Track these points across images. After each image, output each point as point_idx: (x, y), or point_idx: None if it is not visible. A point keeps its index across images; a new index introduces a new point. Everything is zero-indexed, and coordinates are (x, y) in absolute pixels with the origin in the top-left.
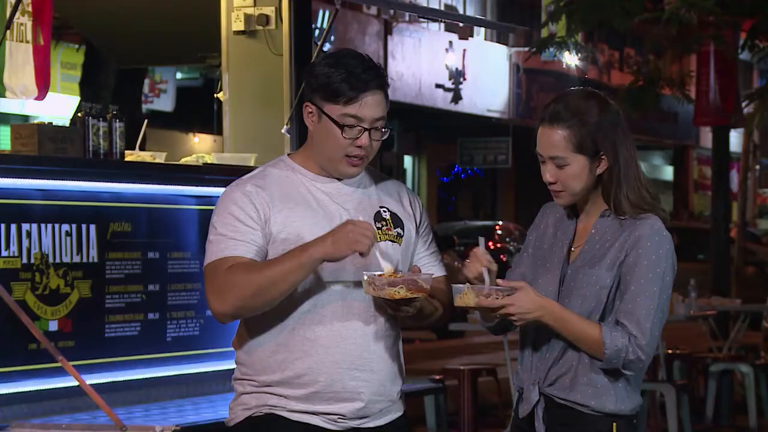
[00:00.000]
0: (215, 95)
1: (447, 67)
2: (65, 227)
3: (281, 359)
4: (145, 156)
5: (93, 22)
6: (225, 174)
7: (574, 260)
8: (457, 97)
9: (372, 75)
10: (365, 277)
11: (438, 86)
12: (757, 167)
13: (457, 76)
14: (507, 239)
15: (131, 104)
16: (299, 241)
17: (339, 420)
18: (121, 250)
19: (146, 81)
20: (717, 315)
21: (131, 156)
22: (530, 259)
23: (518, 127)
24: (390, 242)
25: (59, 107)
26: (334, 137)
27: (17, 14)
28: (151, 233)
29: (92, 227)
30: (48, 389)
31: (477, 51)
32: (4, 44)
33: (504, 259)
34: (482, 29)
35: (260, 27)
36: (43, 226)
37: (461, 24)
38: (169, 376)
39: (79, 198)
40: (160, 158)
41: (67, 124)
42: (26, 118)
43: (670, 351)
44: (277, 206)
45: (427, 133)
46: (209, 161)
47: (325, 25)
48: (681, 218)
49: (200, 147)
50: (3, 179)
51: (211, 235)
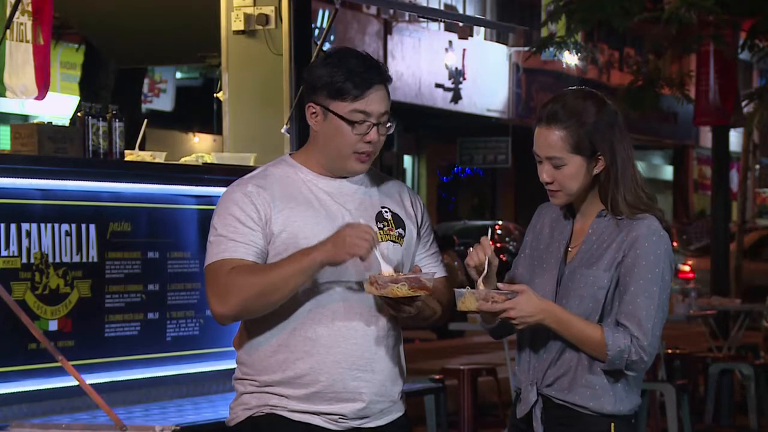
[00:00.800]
0: (215, 95)
1: (447, 67)
2: (65, 227)
3: (282, 359)
4: (145, 156)
5: (93, 22)
6: (225, 174)
7: (571, 260)
8: (457, 97)
9: (374, 71)
10: (366, 276)
11: (438, 86)
12: (757, 167)
13: (457, 76)
14: (507, 239)
15: (131, 104)
16: (300, 241)
17: (340, 420)
18: (121, 250)
19: (146, 81)
20: (717, 315)
21: (131, 156)
22: (527, 260)
23: (518, 127)
24: (391, 243)
25: (59, 107)
26: (343, 134)
27: (17, 14)
28: (151, 233)
29: (92, 227)
30: (48, 389)
31: (477, 51)
32: (4, 44)
33: (504, 259)
34: (482, 29)
35: (260, 27)
36: (43, 226)
37: (461, 24)
38: (169, 376)
39: (79, 198)
40: (160, 158)
41: (67, 124)
42: (26, 118)
43: (670, 351)
44: (279, 206)
45: (427, 133)
46: (209, 161)
47: (325, 25)
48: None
49: (200, 147)
50: (3, 179)
51: (212, 236)
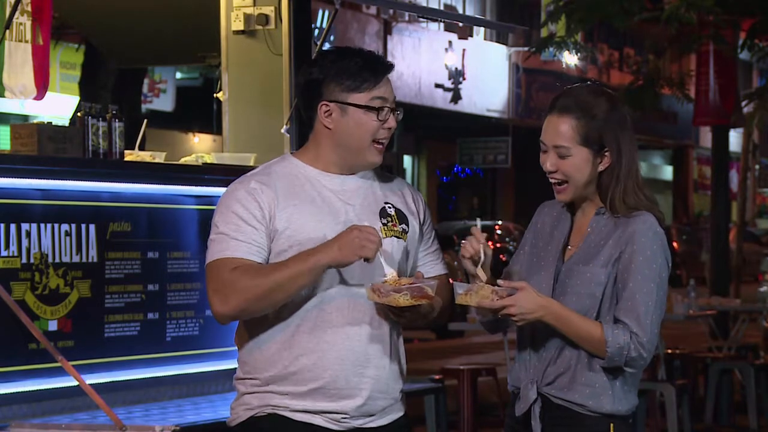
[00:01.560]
0: (215, 95)
1: (446, 67)
2: (65, 227)
3: (285, 356)
4: (145, 156)
5: (92, 22)
6: (224, 174)
7: (569, 258)
8: (457, 97)
9: (380, 60)
10: (368, 284)
11: (437, 86)
12: (757, 167)
13: (457, 76)
14: (506, 239)
15: (131, 104)
16: (303, 238)
17: (342, 420)
18: (121, 250)
19: (146, 81)
20: (716, 315)
21: (131, 156)
22: (526, 257)
23: (518, 127)
24: (395, 238)
25: (59, 107)
26: (366, 124)
27: (16, 14)
28: (151, 233)
29: (92, 227)
30: (48, 389)
31: (476, 51)
32: (4, 44)
33: (503, 259)
34: (482, 29)
35: (260, 27)
36: (43, 226)
37: (461, 24)
38: (169, 376)
39: (79, 198)
40: (160, 158)
41: (67, 124)
42: (26, 118)
43: (670, 351)
44: (282, 203)
45: (427, 133)
46: (209, 161)
47: (325, 25)
48: None
49: (200, 147)
50: (2, 179)
51: (213, 234)
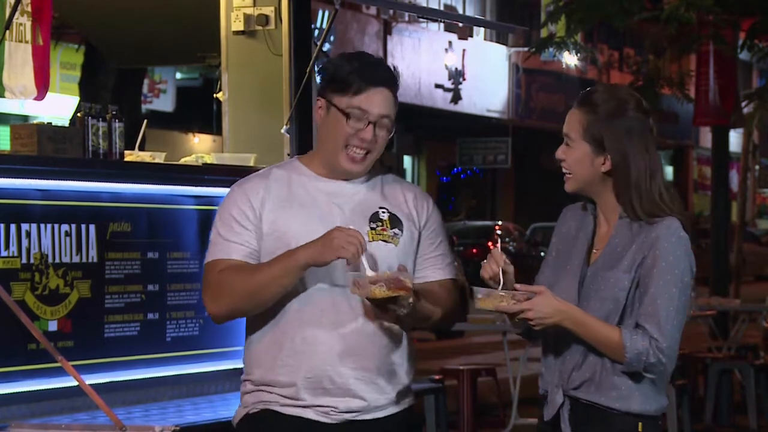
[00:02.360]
0: (215, 95)
1: (446, 67)
2: (65, 227)
3: (273, 356)
4: (145, 156)
5: (92, 22)
6: (224, 174)
7: (594, 262)
8: (457, 97)
9: (381, 71)
10: (350, 278)
11: (437, 86)
12: (757, 167)
13: (457, 76)
14: (506, 239)
15: (131, 104)
16: (289, 240)
17: (332, 412)
18: (121, 250)
19: (146, 81)
20: (716, 315)
21: (131, 156)
22: (554, 263)
23: (518, 127)
24: (383, 242)
25: (59, 107)
26: (339, 127)
27: (16, 14)
28: (151, 233)
29: (92, 227)
30: (47, 389)
31: (476, 51)
32: (4, 44)
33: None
34: (482, 29)
35: (260, 27)
36: (43, 226)
37: (461, 24)
38: (169, 376)
39: (79, 198)
40: (160, 158)
41: (67, 125)
42: (26, 118)
43: None
44: (271, 205)
45: (427, 133)
46: (209, 161)
47: (325, 25)
48: None
49: (200, 147)
50: (2, 179)
51: (212, 235)
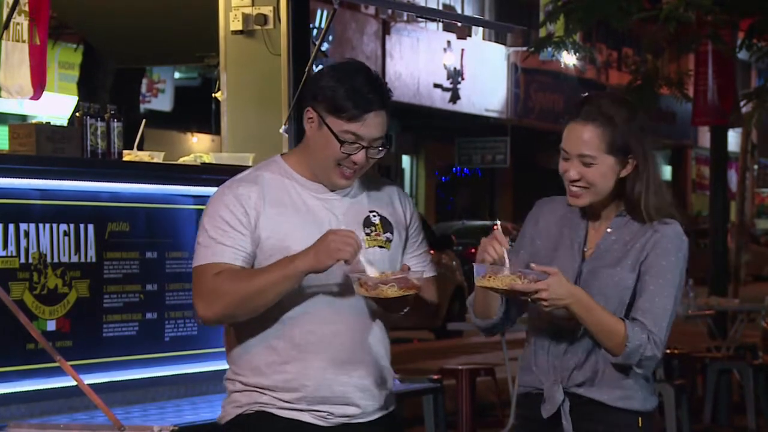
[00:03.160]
0: (213, 95)
1: (445, 67)
2: (63, 227)
3: (270, 362)
4: (143, 156)
5: (90, 22)
6: (223, 174)
7: (589, 259)
8: (455, 97)
9: (377, 95)
10: (356, 279)
11: (436, 86)
12: (756, 167)
13: (455, 76)
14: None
15: (129, 104)
16: (287, 246)
17: (328, 417)
18: (119, 250)
19: (144, 81)
20: (715, 315)
21: (129, 156)
22: (530, 256)
23: (516, 127)
24: (378, 248)
25: (57, 107)
26: (331, 148)
27: (14, 14)
28: (149, 233)
29: (90, 227)
30: (46, 389)
31: (475, 51)
32: (1, 44)
33: None
34: (480, 29)
35: (258, 27)
36: (41, 226)
37: (459, 24)
38: (167, 376)
39: (77, 198)
40: (158, 158)
41: (65, 124)
42: (24, 118)
43: (669, 351)
44: (267, 210)
45: (425, 133)
46: (207, 161)
47: (323, 25)
48: None
49: (198, 147)
50: (1, 179)
51: (200, 237)
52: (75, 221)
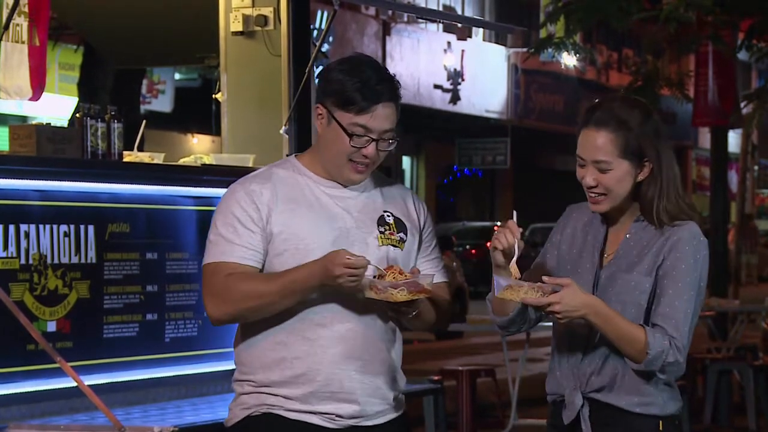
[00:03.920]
0: (213, 96)
1: (445, 68)
2: (63, 228)
3: (280, 358)
4: (144, 157)
5: (91, 23)
6: (223, 175)
7: (608, 264)
8: (456, 98)
9: (386, 87)
10: (366, 283)
11: (436, 87)
12: (756, 168)
13: (456, 77)
14: None
15: (129, 105)
16: (299, 242)
17: (337, 419)
18: (120, 251)
19: (144, 82)
20: (715, 315)
21: (129, 157)
22: (556, 261)
23: (517, 128)
24: (392, 247)
25: (57, 108)
26: (341, 143)
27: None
28: (150, 234)
29: (90, 228)
30: (46, 390)
31: (475, 52)
32: (0, 45)
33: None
34: (480, 30)
35: (258, 28)
36: (42, 227)
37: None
38: (168, 377)
39: (78, 199)
40: (159, 159)
41: (66, 125)
42: (24, 119)
43: None
44: (280, 206)
45: (426, 134)
46: (207, 162)
47: (324, 26)
48: None
49: (198, 148)
50: (1, 180)
51: (212, 234)
52: (75, 222)
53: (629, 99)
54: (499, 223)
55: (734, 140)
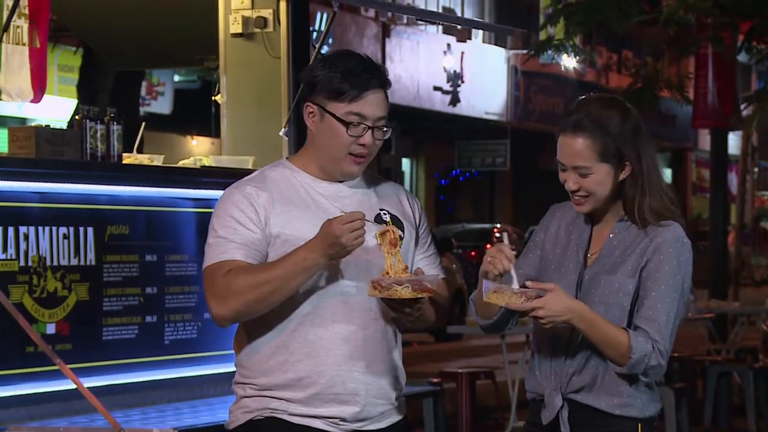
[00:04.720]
0: (213, 98)
1: (445, 70)
2: (63, 230)
3: (282, 361)
4: (143, 159)
5: (90, 25)
6: (223, 177)
7: (591, 265)
8: (455, 100)
9: (374, 74)
10: (370, 282)
11: (436, 89)
12: (756, 169)
13: (455, 79)
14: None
15: (129, 107)
16: (298, 243)
17: (340, 423)
18: (119, 253)
19: (144, 83)
20: (715, 317)
21: (129, 159)
22: (538, 261)
23: (516, 130)
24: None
25: (56, 110)
26: (338, 135)
27: (14, 17)
28: (149, 236)
29: (90, 230)
30: (45, 392)
31: (475, 53)
32: (0, 47)
33: None
34: (480, 32)
35: (258, 30)
36: (41, 229)
37: (459, 26)
38: (167, 379)
39: (77, 201)
40: (158, 161)
41: (65, 127)
42: (24, 121)
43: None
44: (277, 208)
45: (425, 136)
46: (207, 164)
47: (323, 28)
48: None
49: (198, 149)
50: (0, 182)
51: (211, 238)
52: (74, 224)
53: (606, 99)
54: (499, 225)
55: (734, 142)
